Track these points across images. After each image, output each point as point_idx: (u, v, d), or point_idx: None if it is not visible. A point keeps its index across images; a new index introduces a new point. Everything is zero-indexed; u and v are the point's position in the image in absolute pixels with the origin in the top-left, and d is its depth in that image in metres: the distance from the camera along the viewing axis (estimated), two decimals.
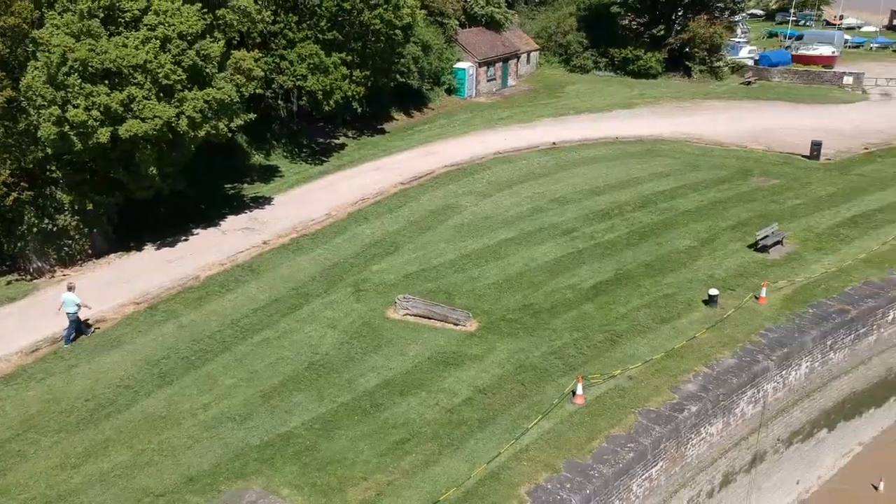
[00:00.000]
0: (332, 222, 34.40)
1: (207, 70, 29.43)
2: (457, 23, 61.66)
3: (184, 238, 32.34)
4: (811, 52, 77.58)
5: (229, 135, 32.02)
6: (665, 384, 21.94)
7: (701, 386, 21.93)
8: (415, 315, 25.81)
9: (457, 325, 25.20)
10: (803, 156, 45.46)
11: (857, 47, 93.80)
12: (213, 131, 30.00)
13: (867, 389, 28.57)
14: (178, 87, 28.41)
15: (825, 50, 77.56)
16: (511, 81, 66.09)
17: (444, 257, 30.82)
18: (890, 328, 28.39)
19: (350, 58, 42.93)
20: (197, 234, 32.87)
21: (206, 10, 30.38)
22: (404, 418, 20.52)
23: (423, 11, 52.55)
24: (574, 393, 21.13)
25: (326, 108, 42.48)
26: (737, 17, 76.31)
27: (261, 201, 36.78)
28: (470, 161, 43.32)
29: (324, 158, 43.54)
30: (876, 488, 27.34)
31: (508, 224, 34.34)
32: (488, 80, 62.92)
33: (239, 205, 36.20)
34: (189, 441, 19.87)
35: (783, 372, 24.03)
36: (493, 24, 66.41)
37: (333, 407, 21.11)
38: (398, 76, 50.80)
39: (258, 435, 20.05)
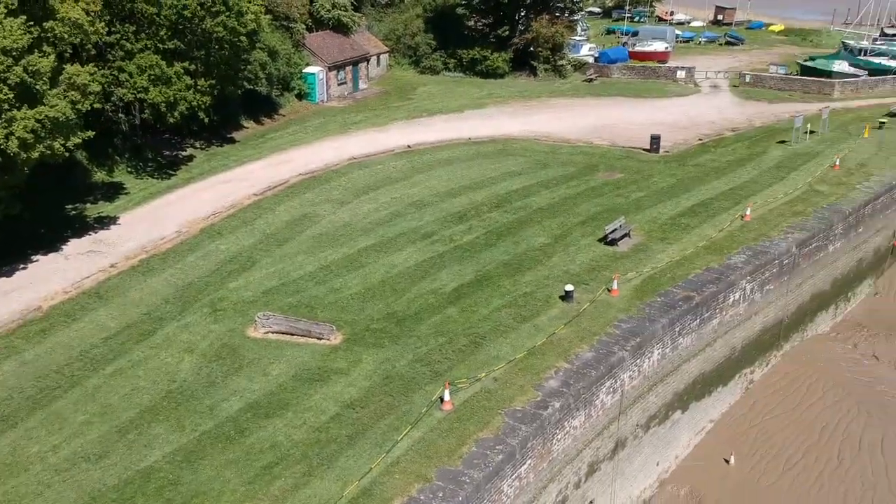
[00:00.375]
0: (183, 240, 33.12)
1: (38, 87, 27.62)
2: (304, 27, 60.79)
3: (22, 266, 30.21)
4: (646, 49, 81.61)
5: (66, 154, 30.16)
6: (529, 383, 22.49)
7: (563, 381, 22.62)
8: (276, 332, 25.25)
9: (320, 339, 24.85)
10: (644, 149, 47.79)
11: (687, 42, 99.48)
12: (48, 151, 28.24)
13: (714, 370, 30.38)
14: (6, 106, 26.50)
15: (659, 46, 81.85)
16: (362, 84, 65.85)
17: (303, 269, 30.32)
18: (731, 310, 30.28)
19: (193, 67, 41.46)
20: (36, 260, 30.78)
21: (31, 23, 28.48)
22: (271, 441, 20.04)
23: (268, 17, 51.45)
24: (442, 399, 21.30)
25: (171, 120, 40.86)
26: (576, 17, 79.25)
27: (105, 221, 34.88)
28: (325, 168, 42.85)
29: (171, 172, 41.83)
30: (727, 462, 29.11)
31: (368, 231, 34.19)
32: (339, 84, 62.41)
33: (81, 226, 34.18)
34: (39, 488, 18.61)
35: (638, 360, 25.16)
36: (341, 28, 65.93)
37: (196, 436, 20.33)
38: (246, 83, 49.53)
39: (115, 473, 19.03)
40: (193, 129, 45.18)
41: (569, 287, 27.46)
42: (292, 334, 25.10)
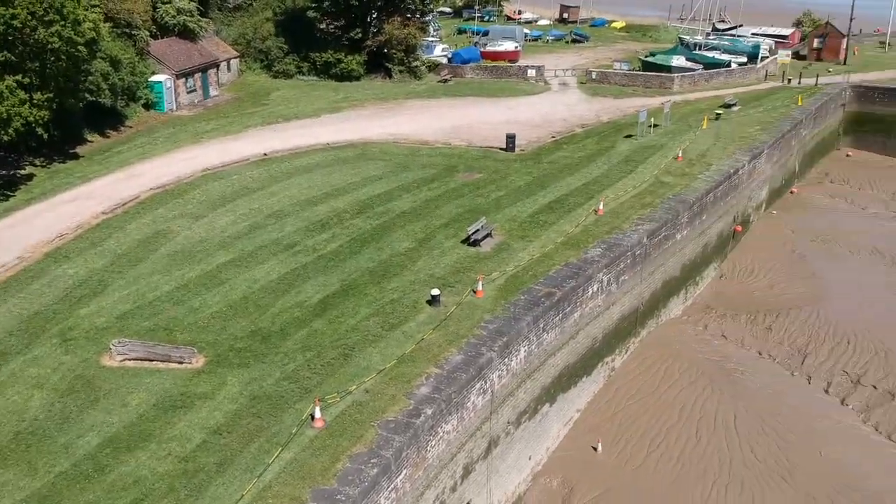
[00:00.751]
0: (25, 266, 31.04)
1: None
2: (147, 34, 58.27)
3: None
4: (497, 48, 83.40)
5: None
6: (400, 391, 22.47)
7: (434, 387, 22.74)
8: (134, 359, 24.08)
9: (181, 363, 23.90)
10: (500, 148, 48.84)
11: (535, 40, 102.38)
12: None
13: (578, 361, 31.40)
14: None
15: (509, 45, 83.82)
16: (213, 91, 63.84)
17: (159, 290, 29.04)
18: (590, 303, 31.38)
19: (28, 80, 38.95)
20: None
21: None
22: (134, 477, 19.07)
23: (108, 24, 49.04)
24: (313, 417, 20.94)
25: (5, 137, 38.20)
26: (428, 18, 79.94)
27: None
28: (177, 181, 41.26)
29: (9, 193, 39.09)
30: (595, 449, 30.16)
31: (226, 245, 33.17)
32: (189, 92, 60.25)
33: None
34: None
35: (505, 360, 25.64)
36: (188, 34, 63.64)
37: (50, 479, 19.08)
38: (87, 95, 47.07)
39: None
40: (32, 145, 42.46)
41: (435, 291, 27.65)
42: (151, 360, 24.00)
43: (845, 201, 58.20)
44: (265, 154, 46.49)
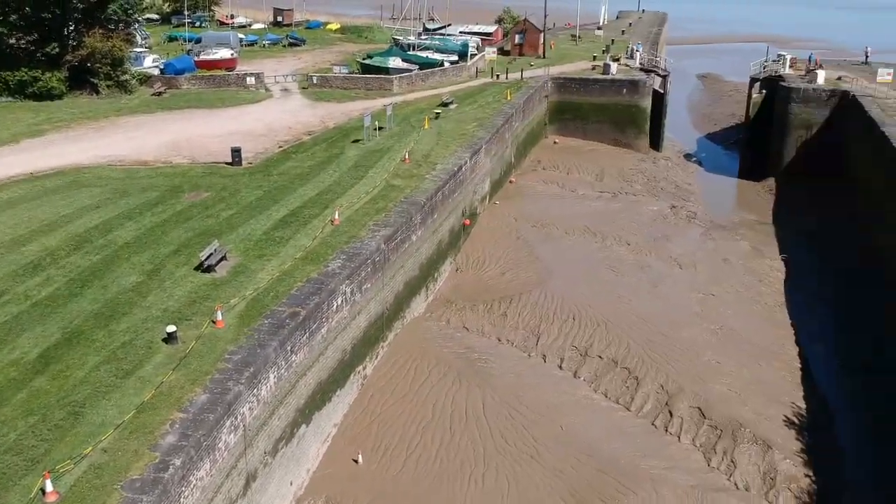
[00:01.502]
0: None
1: None
2: None
3: None
4: (212, 56, 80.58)
5: None
6: (143, 445, 20.87)
7: (180, 434, 21.40)
8: None
9: None
10: (227, 163, 47.21)
11: (252, 45, 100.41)
12: None
13: (330, 376, 31.19)
14: None
15: (225, 53, 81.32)
16: None
17: None
18: (336, 316, 31.29)
19: None
20: None
21: None
22: None
23: None
24: (43, 491, 18.82)
25: None
26: (133, 27, 75.25)
27: None
28: None
29: None
30: (356, 461, 30.21)
31: None
32: None
33: None
34: None
35: (255, 390, 24.80)
36: None
37: None
38: None
39: None
40: None
41: (171, 328, 26.04)
42: None
43: (557, 186, 63.35)
44: None
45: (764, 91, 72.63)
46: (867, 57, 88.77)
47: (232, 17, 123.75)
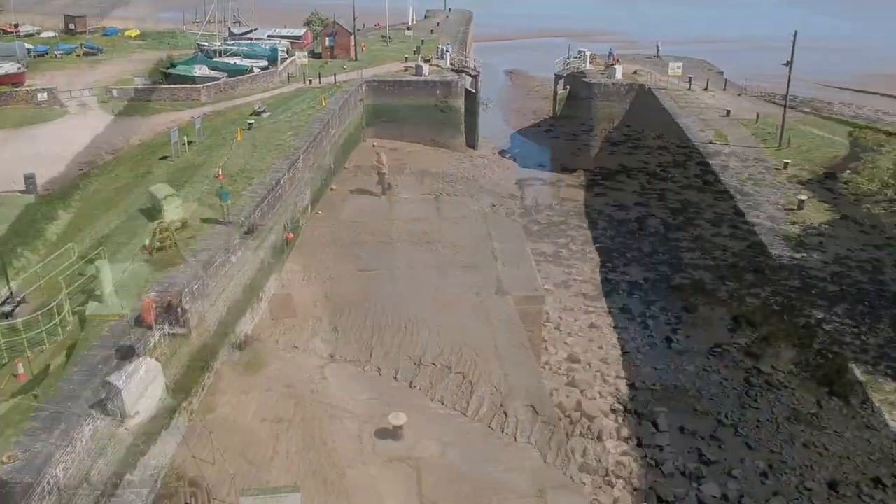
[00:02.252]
0: None
1: None
2: None
3: None
4: None
5: None
6: None
7: None
8: None
9: None
10: (20, 191, 43.41)
11: (42, 56, 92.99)
12: None
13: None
14: None
15: (10, 67, 74.31)
16: None
17: None
18: (155, 352, 29.46)
19: None
20: None
21: None
22: None
23: None
24: None
25: None
26: None
27: None
28: None
29: None
30: None
31: None
32: None
33: None
34: None
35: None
36: None
37: None
38: None
39: None
40: None
41: None
42: None
43: (379, 190, 63.03)
44: None
45: (568, 87, 76.06)
46: (658, 50, 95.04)
47: (16, 25, 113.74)
